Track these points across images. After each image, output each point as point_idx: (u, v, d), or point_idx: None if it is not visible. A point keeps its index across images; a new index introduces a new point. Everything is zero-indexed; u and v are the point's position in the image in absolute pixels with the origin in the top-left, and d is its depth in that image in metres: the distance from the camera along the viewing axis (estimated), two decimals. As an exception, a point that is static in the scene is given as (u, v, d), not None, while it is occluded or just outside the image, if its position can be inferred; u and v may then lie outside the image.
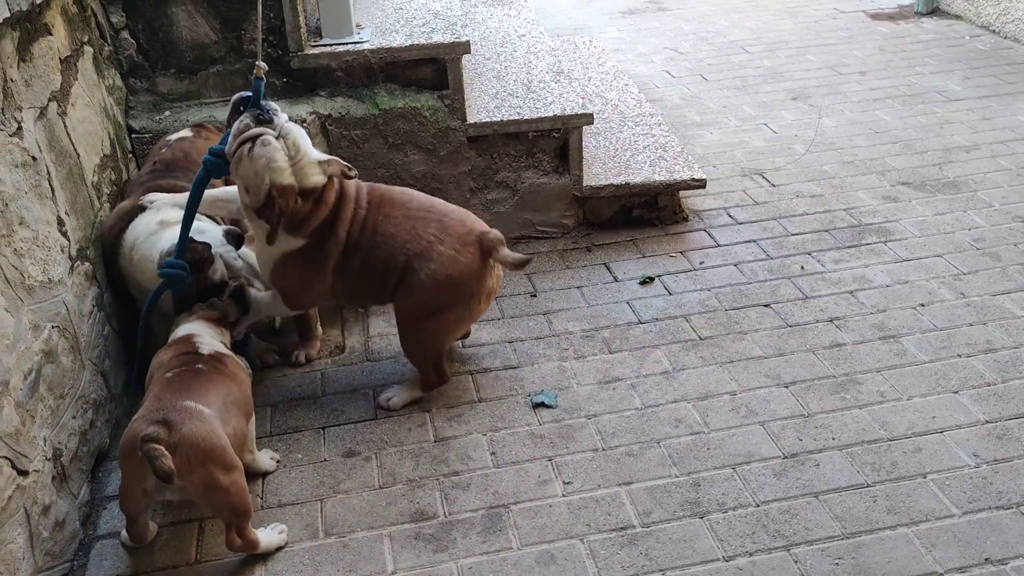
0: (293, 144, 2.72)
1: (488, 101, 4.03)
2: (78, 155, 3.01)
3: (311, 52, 3.67)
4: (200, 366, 2.58)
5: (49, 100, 2.83)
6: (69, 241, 2.82)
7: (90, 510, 2.73)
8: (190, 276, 2.85)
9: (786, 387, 3.10)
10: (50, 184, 2.73)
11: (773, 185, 4.45)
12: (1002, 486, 2.65)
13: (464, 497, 2.73)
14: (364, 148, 3.80)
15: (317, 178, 2.78)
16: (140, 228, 3.02)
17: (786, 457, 2.81)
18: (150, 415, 2.36)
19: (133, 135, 3.59)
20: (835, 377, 3.13)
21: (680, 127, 5.10)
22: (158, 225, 3.00)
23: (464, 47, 3.77)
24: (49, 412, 2.53)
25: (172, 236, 2.90)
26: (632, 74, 5.72)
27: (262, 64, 2.74)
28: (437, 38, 3.79)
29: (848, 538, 2.52)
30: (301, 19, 3.61)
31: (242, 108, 2.78)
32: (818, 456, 2.80)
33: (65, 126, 2.93)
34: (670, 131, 4.51)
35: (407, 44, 3.74)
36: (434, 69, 3.81)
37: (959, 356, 3.20)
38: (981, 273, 3.65)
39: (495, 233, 2.98)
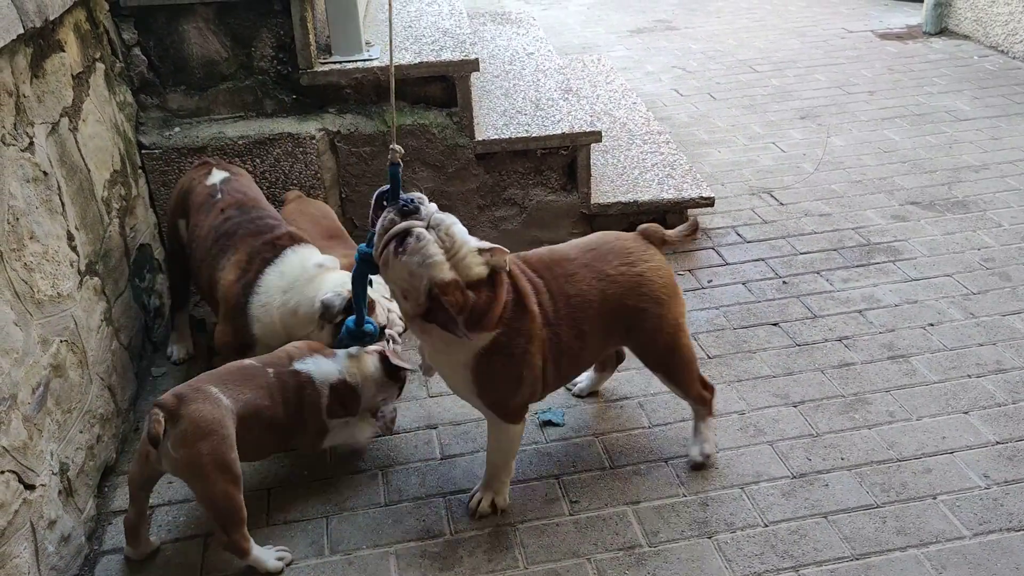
0: (447, 234, 2.34)
1: (496, 119, 4.05)
2: (88, 170, 3.02)
3: (321, 69, 3.69)
4: (270, 371, 2.60)
5: (61, 116, 2.85)
6: (78, 256, 2.83)
7: (96, 525, 2.72)
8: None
9: (795, 406, 3.09)
10: (60, 199, 2.75)
11: (781, 204, 4.45)
12: (1013, 508, 2.63)
13: (470, 515, 2.72)
14: (372, 165, 3.82)
15: (480, 269, 2.38)
16: (293, 272, 2.89)
17: (795, 477, 2.79)
18: (179, 387, 2.48)
19: (143, 151, 3.61)
20: (844, 396, 3.12)
21: (688, 145, 5.10)
22: (317, 268, 2.90)
23: (473, 65, 3.79)
24: (56, 426, 2.53)
25: (336, 281, 2.85)
26: (640, 92, 5.73)
27: (397, 148, 2.42)
28: (446, 56, 3.80)
29: (857, 559, 2.49)
30: (311, 36, 3.63)
31: (384, 203, 2.41)
32: (827, 476, 2.78)
33: (76, 141, 2.95)
34: (678, 149, 4.52)
35: (416, 62, 3.76)
36: (443, 86, 3.83)
37: (969, 376, 3.18)
38: (991, 293, 3.64)
39: (646, 224, 2.79)
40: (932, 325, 3.46)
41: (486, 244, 2.43)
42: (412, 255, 2.31)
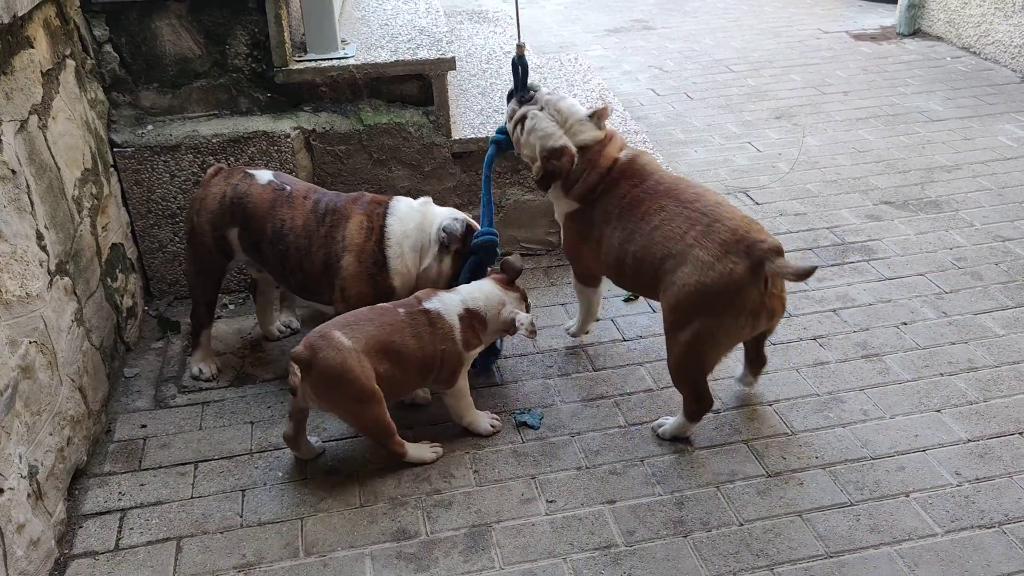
0: (556, 110, 3.00)
1: (473, 117, 4.03)
2: (59, 169, 2.98)
3: (296, 67, 3.66)
4: (401, 311, 2.82)
5: (30, 113, 2.81)
6: (48, 255, 2.79)
7: (66, 528, 2.69)
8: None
9: (769, 405, 3.10)
10: (29, 198, 2.70)
11: (757, 203, 4.47)
12: (984, 505, 2.65)
13: (446, 516, 2.71)
14: (348, 163, 3.79)
15: (592, 133, 2.99)
16: (408, 216, 3.05)
17: (770, 476, 2.80)
18: (311, 336, 2.73)
19: (115, 149, 3.56)
20: (818, 395, 3.13)
21: (665, 145, 5.12)
22: (423, 206, 3.10)
23: (449, 63, 3.77)
24: (25, 429, 2.49)
25: (445, 212, 3.08)
26: (617, 92, 5.74)
27: (522, 43, 3.20)
28: (422, 54, 3.79)
29: (831, 557, 2.51)
30: (286, 34, 3.60)
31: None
32: (801, 475, 2.80)
33: (46, 139, 2.91)
34: (655, 149, 4.52)
35: (392, 60, 3.74)
36: (419, 85, 3.81)
37: (941, 375, 3.21)
38: (963, 292, 3.67)
39: (772, 242, 2.68)
40: (905, 324, 3.49)
41: (592, 110, 3.02)
42: (529, 133, 3.03)
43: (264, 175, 3.20)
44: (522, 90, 3.13)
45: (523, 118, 3.05)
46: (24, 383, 2.51)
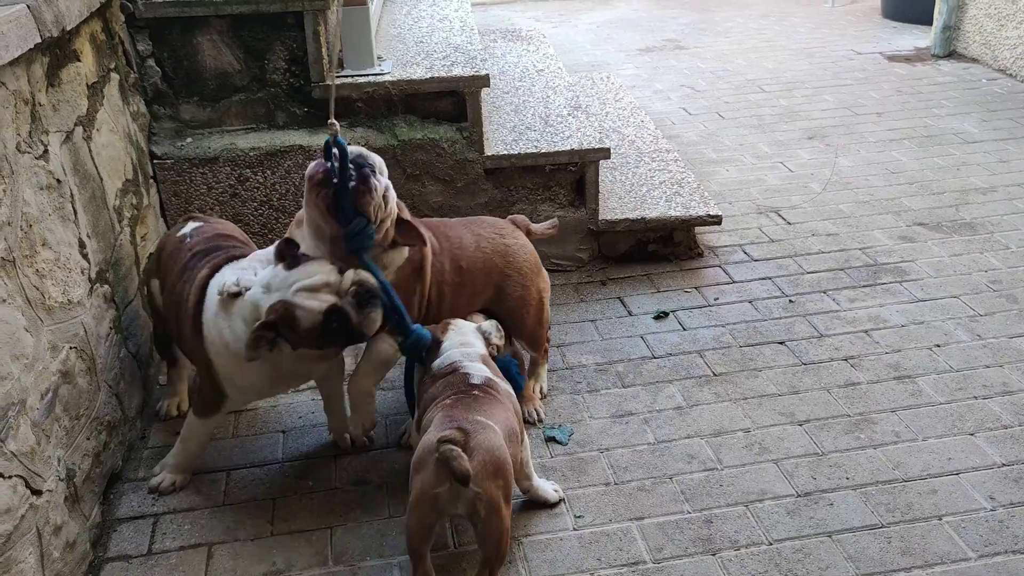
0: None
1: (506, 134, 4.07)
2: (101, 179, 3.05)
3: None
4: (476, 393, 2.46)
5: (75, 124, 2.88)
6: (89, 263, 2.85)
7: (101, 532, 2.73)
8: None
9: (800, 425, 3.09)
10: (73, 207, 2.77)
11: (789, 223, 4.46)
12: (1018, 530, 2.62)
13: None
14: (382, 178, 3.83)
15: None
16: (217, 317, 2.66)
17: (799, 496, 2.79)
18: (444, 426, 2.27)
19: (155, 161, 3.64)
20: (850, 416, 3.11)
21: (696, 164, 5.12)
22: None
23: (483, 80, 3.81)
24: (64, 432, 2.54)
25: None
26: (649, 110, 5.76)
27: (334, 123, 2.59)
28: (457, 71, 3.83)
29: (862, 579, 2.49)
30: (323, 50, 3.67)
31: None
32: (832, 495, 2.78)
33: (90, 150, 2.98)
34: (686, 167, 4.54)
35: (427, 77, 3.78)
36: (453, 102, 3.85)
37: (975, 398, 3.17)
38: (997, 315, 3.64)
39: (517, 216, 3.31)
40: (939, 346, 3.46)
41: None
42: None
43: (189, 225, 3.00)
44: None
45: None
46: (64, 388, 2.56)
